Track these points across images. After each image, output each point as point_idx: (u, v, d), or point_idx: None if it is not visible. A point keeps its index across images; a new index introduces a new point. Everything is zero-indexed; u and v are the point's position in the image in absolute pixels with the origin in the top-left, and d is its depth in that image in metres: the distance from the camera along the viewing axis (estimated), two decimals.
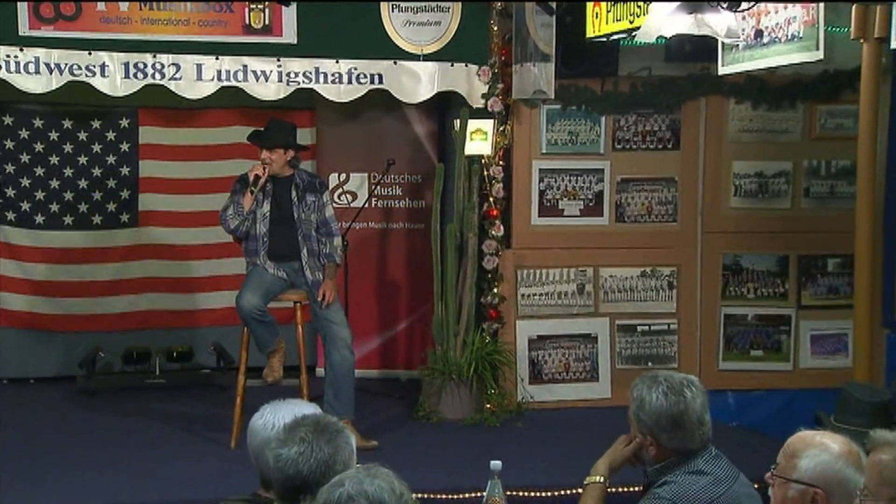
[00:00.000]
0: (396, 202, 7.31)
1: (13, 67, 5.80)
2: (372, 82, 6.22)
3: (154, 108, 7.16)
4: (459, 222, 6.36)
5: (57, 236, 7.19)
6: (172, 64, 5.96)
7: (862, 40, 4.87)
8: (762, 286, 6.76)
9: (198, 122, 7.28)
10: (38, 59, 5.81)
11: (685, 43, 6.06)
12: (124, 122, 7.23)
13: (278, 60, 6.07)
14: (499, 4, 6.36)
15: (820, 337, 6.77)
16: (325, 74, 6.15)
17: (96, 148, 7.22)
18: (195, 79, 5.99)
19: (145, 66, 5.92)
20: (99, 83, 5.90)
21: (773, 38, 5.13)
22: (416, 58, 6.27)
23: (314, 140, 7.34)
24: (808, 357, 6.77)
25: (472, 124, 6.32)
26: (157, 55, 5.93)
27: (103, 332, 7.23)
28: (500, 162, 6.51)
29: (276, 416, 2.89)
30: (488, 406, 6.34)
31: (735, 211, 6.73)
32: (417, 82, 6.28)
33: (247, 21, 6.04)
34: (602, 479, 3.19)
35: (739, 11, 4.74)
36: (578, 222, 6.67)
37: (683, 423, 3.02)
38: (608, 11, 5.19)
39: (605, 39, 5.37)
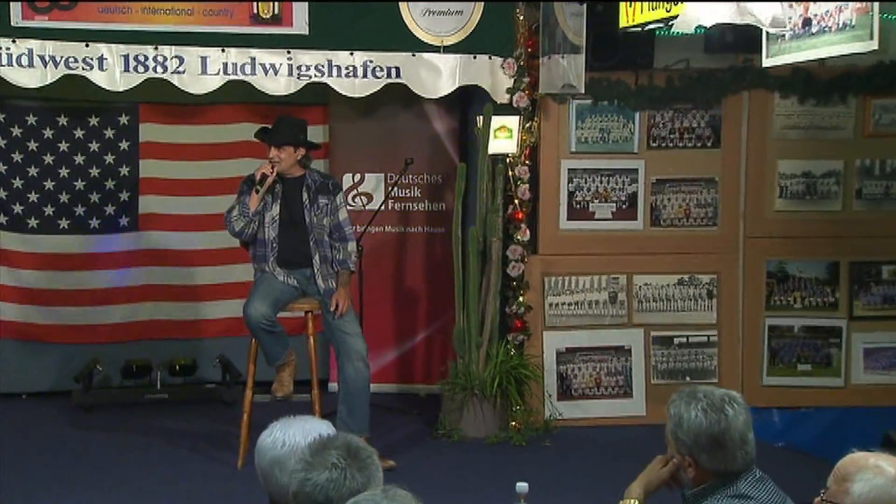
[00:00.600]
0: (415, 204, 7.32)
1: (5, 60, 5.83)
2: (389, 76, 6.23)
3: (155, 104, 7.19)
4: (482, 226, 6.36)
5: (51, 241, 7.23)
6: (175, 56, 5.98)
7: None
8: (810, 295, 6.74)
9: (202, 118, 7.31)
10: (31, 51, 5.84)
11: (726, 33, 6.04)
12: (124, 119, 7.27)
13: (288, 53, 6.09)
14: None
15: (874, 350, 6.74)
16: (338, 68, 6.17)
17: (94, 146, 7.26)
18: (199, 72, 6.01)
19: (146, 58, 5.94)
20: (97, 77, 5.93)
21: (823, 27, 5.10)
22: (436, 50, 6.27)
23: (327, 138, 7.36)
24: (860, 372, 6.73)
25: (496, 121, 6.33)
26: (159, 47, 5.95)
27: (101, 343, 7.26)
28: (527, 161, 6.51)
29: (286, 433, 2.90)
30: (513, 424, 6.33)
31: (780, 214, 6.71)
32: (437, 76, 6.29)
33: (255, 10, 6.06)
34: (636, 503, 3.18)
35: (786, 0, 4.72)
36: (610, 226, 6.67)
37: (725, 442, 3.01)
38: None
39: (639, 29, 5.35)
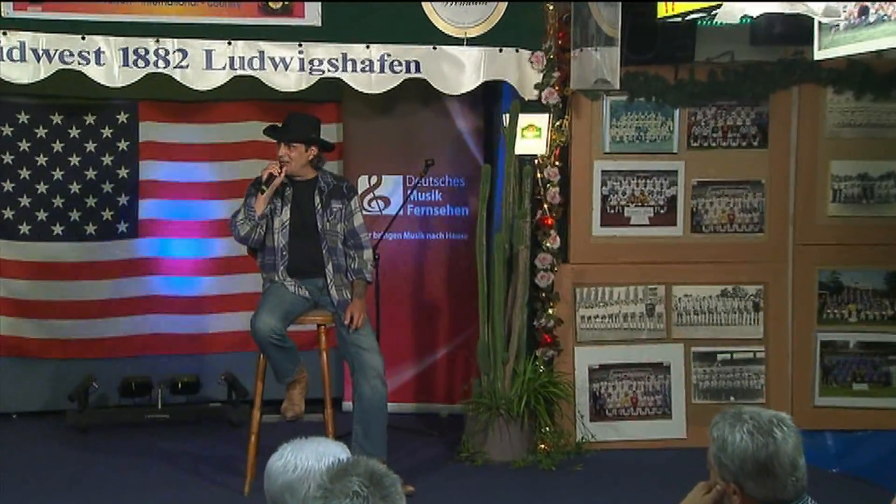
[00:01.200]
0: (436, 209, 7.34)
1: None
2: (408, 70, 6.24)
3: (156, 101, 7.23)
4: (509, 232, 6.36)
5: (44, 249, 7.27)
6: (178, 50, 6.00)
7: None
8: (866, 308, 6.71)
9: (207, 116, 7.35)
10: (23, 44, 5.86)
11: (774, 23, 6.03)
12: (122, 117, 7.31)
13: (300, 46, 6.11)
14: None
15: None
16: (353, 62, 6.18)
17: (90, 147, 7.30)
18: (204, 67, 6.03)
19: (147, 52, 5.97)
20: (93, 72, 5.95)
21: (882, 16, 5.08)
22: (459, 42, 6.28)
23: (340, 138, 7.38)
24: None
25: (524, 119, 6.33)
26: (161, 40, 5.98)
27: (97, 359, 7.29)
28: (557, 162, 6.51)
29: (297, 456, 2.90)
30: (542, 446, 6.33)
31: (833, 219, 6.69)
32: (460, 70, 6.29)
33: (264, 1, 6.08)
34: None
35: None
36: (647, 233, 6.67)
37: (773, 468, 3.00)
38: None
39: (679, 20, 5.34)
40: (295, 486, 2.81)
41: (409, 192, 7.16)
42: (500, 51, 6.34)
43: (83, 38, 5.90)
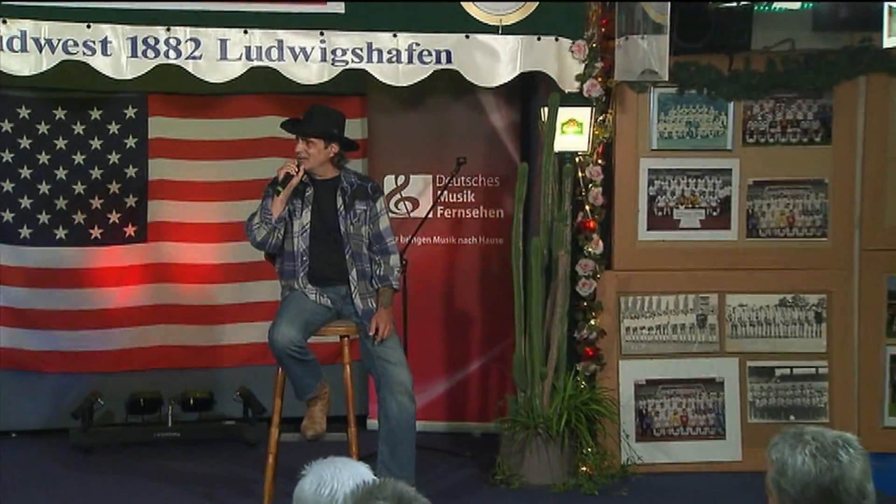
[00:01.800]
0: (468, 211, 7.35)
1: None
2: (438, 61, 6.25)
3: (167, 95, 7.27)
4: (547, 237, 6.35)
5: (46, 254, 7.30)
6: (190, 39, 6.02)
7: None
8: None
9: (221, 111, 7.38)
10: (24, 33, 5.89)
11: (839, 8, 6.01)
12: (130, 112, 7.35)
13: (321, 35, 6.12)
14: None
15: None
16: (379, 52, 6.19)
17: (95, 143, 7.34)
18: (218, 58, 6.05)
19: (157, 41, 5.99)
20: (99, 63, 5.98)
21: None
22: (493, 30, 6.28)
23: (365, 134, 7.40)
24: None
25: (564, 113, 6.33)
26: (172, 28, 6.00)
27: (103, 373, 7.33)
28: (599, 161, 6.51)
29: (319, 479, 2.90)
30: (584, 469, 6.31)
31: None
32: (495, 61, 6.30)
33: None
34: None
35: None
36: (698, 237, 6.66)
37: (838, 494, 2.98)
38: None
39: (734, 4, 5.34)
40: None
41: (440, 193, 7.16)
42: (539, 39, 6.33)
43: (88, 27, 5.93)
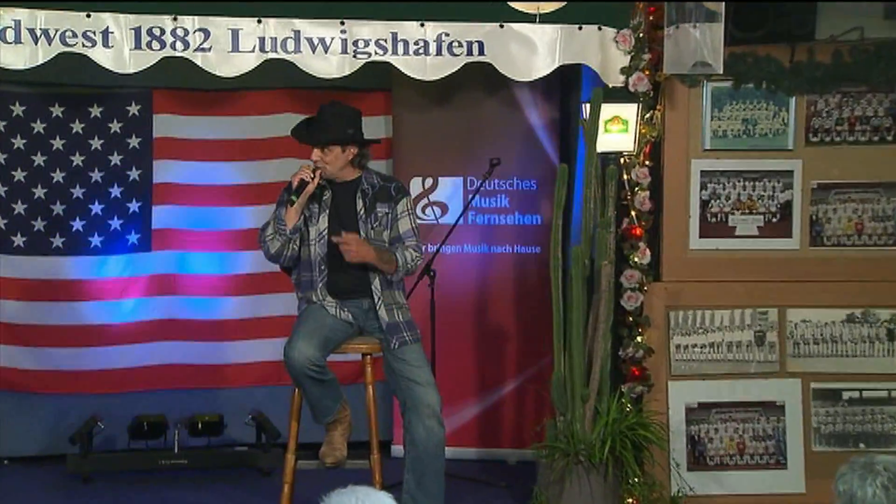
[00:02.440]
0: (502, 217, 7.36)
1: None
2: (469, 53, 6.24)
3: (174, 90, 7.33)
4: (589, 245, 6.33)
5: (42, 264, 7.35)
6: (199, 30, 6.03)
7: None
8: None
9: (233, 108, 7.43)
10: (18, 23, 5.90)
11: None
12: (134, 109, 7.40)
13: (342, 24, 6.13)
14: None
15: None
16: (405, 43, 6.19)
17: (96, 144, 7.38)
18: (229, 49, 6.06)
19: (162, 32, 6.00)
20: (100, 56, 5.98)
21: None
22: (530, 19, 6.28)
23: (390, 133, 7.43)
24: None
25: (608, 110, 6.32)
26: (179, 18, 6.01)
27: (103, 394, 7.37)
28: (647, 161, 6.49)
29: None
30: (630, 501, 6.29)
31: None
32: (532, 52, 6.29)
33: None
34: None
35: None
36: (756, 245, 6.64)
37: None
38: None
39: None
40: None
41: (471, 197, 7.17)
42: (580, 28, 6.32)
43: (88, 17, 5.94)
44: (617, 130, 6.36)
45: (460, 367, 7.23)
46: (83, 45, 5.95)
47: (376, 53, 6.17)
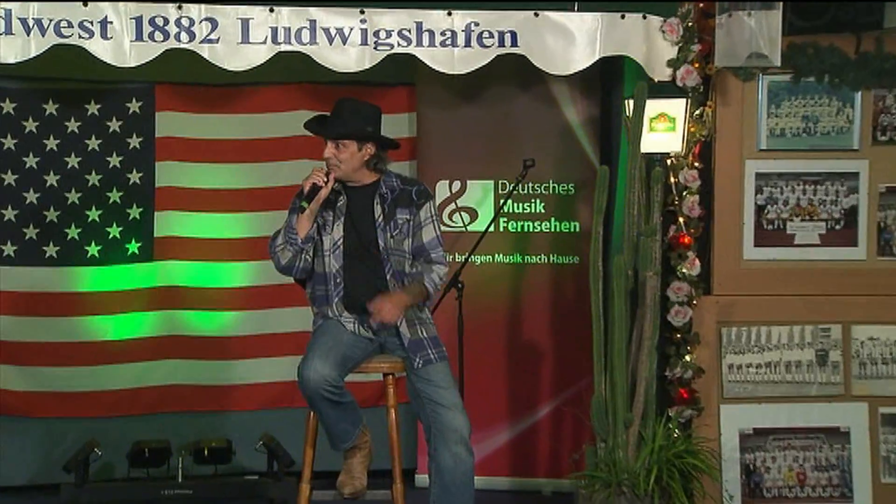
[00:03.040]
0: (537, 224, 7.35)
1: None
2: (501, 44, 6.25)
3: (178, 85, 7.35)
4: (632, 255, 6.32)
5: (34, 275, 7.37)
6: (206, 19, 6.05)
7: None
8: None
9: (242, 105, 7.44)
10: (9, 13, 5.93)
11: None
12: (134, 106, 7.42)
13: (362, 13, 6.14)
14: None
15: None
16: (430, 33, 6.20)
17: (93, 144, 7.40)
18: (239, 41, 6.08)
19: (166, 22, 6.02)
20: (98, 48, 6.01)
21: None
22: (568, 7, 6.28)
23: (413, 132, 7.43)
24: None
25: (654, 106, 6.32)
26: (184, 6, 6.04)
27: (100, 417, 7.38)
28: (696, 163, 6.49)
29: None
30: None
31: None
32: (570, 43, 6.29)
33: None
34: None
35: None
36: (818, 255, 6.64)
37: None
38: None
39: None
40: None
41: (503, 202, 7.15)
42: (622, 17, 6.33)
43: (85, 5, 5.97)
44: (663, 129, 6.37)
45: (491, 388, 7.22)
46: (79, 37, 5.98)
47: (399, 45, 6.19)
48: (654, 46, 6.38)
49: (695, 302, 6.47)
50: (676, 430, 6.39)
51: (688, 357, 6.46)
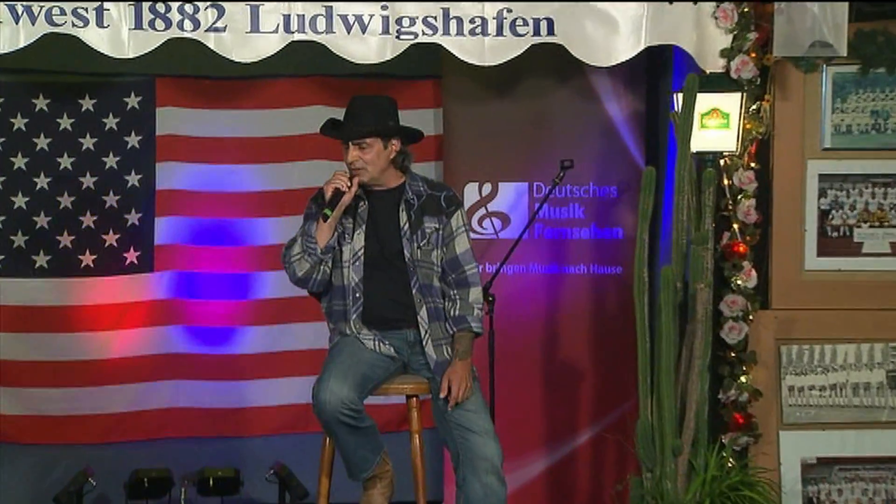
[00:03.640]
0: (575, 231, 7.35)
1: None
2: (536, 33, 6.26)
3: (181, 78, 7.37)
4: (682, 265, 6.31)
5: (22, 287, 7.38)
6: (211, 6, 6.07)
7: None
8: None
9: (251, 100, 7.46)
10: None
11: None
12: (133, 101, 7.43)
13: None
14: None
15: None
16: (458, 21, 6.21)
17: (87, 143, 7.41)
18: (248, 30, 6.10)
19: (168, 9, 6.04)
20: (93, 37, 6.03)
21: None
22: None
23: (440, 129, 7.41)
24: None
25: (705, 101, 6.30)
26: None
27: (95, 444, 7.39)
28: (752, 164, 6.47)
29: None
30: None
31: None
32: (612, 32, 6.30)
33: None
34: None
35: None
36: (888, 265, 6.63)
37: None
38: None
39: None
40: None
41: (538, 206, 7.12)
42: (671, 3, 6.32)
43: None
44: (716, 126, 6.35)
45: (525, 412, 7.21)
46: (73, 25, 6.01)
47: (424, 34, 6.20)
48: (706, 35, 6.37)
49: (751, 317, 6.45)
50: (731, 460, 6.37)
51: (743, 378, 6.43)
